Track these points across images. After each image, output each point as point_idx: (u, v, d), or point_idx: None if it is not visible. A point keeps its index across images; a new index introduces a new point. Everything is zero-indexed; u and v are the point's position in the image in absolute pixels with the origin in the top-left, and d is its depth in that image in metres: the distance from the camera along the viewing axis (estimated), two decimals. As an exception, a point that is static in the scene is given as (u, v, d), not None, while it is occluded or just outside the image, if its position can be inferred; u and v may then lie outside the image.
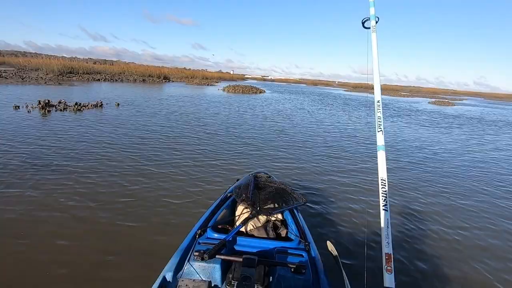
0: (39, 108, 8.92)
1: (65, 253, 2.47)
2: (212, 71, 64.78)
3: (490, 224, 3.74)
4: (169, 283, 1.49)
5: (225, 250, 1.60)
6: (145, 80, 28.97)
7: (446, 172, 5.79)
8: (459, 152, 7.84)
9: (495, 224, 3.76)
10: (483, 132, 12.06)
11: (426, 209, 4.00)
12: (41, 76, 20.87)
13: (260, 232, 1.89)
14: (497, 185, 5.28)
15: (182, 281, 1.35)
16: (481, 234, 3.46)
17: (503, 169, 6.45)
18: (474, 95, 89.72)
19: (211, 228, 1.79)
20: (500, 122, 17.08)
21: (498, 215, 4.01)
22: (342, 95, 34.40)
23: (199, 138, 6.97)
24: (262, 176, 2.46)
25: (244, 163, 5.36)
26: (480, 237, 3.39)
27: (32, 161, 4.49)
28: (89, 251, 2.51)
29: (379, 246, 2.87)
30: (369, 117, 14.13)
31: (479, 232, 3.52)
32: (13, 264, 2.31)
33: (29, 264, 2.31)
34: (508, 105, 43.45)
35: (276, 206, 1.98)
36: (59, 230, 2.81)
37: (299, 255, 1.65)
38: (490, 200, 4.54)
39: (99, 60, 50.53)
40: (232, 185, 2.53)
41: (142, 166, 4.71)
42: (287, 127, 9.44)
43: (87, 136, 6.24)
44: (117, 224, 2.98)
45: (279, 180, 2.47)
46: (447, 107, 27.62)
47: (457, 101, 41.61)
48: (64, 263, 2.33)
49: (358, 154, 6.64)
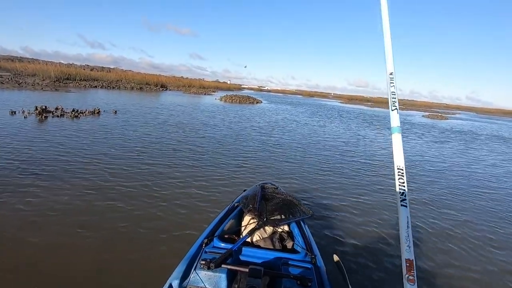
0: (35, 114, 8.83)
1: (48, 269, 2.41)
2: (209, 81, 65.19)
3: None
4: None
5: (231, 260, 1.59)
6: (142, 88, 28.97)
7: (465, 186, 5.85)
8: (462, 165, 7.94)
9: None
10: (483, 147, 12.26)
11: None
12: (37, 81, 20.74)
13: (266, 243, 1.88)
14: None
15: (193, 283, 1.40)
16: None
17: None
18: (467, 109, 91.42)
19: (217, 238, 1.79)
20: (495, 137, 17.43)
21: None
22: (336, 107, 34.76)
23: (202, 148, 6.95)
24: (269, 187, 2.45)
25: (246, 174, 5.35)
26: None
27: (27, 167, 4.43)
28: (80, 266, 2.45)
29: (386, 259, 2.90)
30: (367, 129, 14.27)
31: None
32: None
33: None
34: (500, 120, 44.31)
35: (283, 218, 1.97)
36: (55, 239, 2.75)
37: (305, 267, 1.64)
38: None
39: (96, 67, 50.40)
40: (239, 195, 2.52)
41: (143, 179, 4.67)
42: (284, 139, 9.48)
43: (83, 144, 6.18)
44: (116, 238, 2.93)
45: (286, 192, 2.47)
46: (441, 120, 28.09)
47: (450, 115, 42.34)
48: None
49: (366, 165, 6.69)
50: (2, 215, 3.06)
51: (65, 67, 30.18)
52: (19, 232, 2.79)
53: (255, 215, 1.95)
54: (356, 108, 37.23)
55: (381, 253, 3.08)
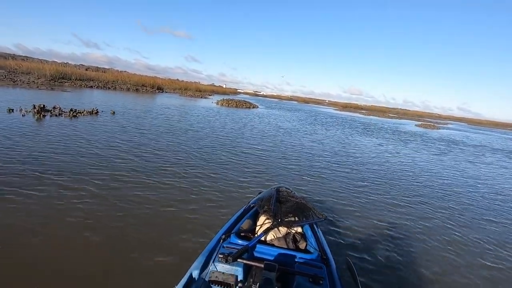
0: (33, 112, 8.75)
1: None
2: (205, 84, 65.25)
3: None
4: (194, 280, 1.58)
5: (247, 256, 1.69)
6: (139, 89, 28.86)
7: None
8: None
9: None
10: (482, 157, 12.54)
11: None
12: (32, 80, 20.52)
13: (280, 242, 1.94)
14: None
15: (213, 273, 1.55)
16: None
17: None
18: (458, 120, 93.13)
19: (234, 234, 1.89)
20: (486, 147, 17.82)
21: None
22: (333, 114, 35.10)
23: (203, 153, 6.98)
24: (283, 190, 2.54)
25: (253, 181, 5.40)
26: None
27: (30, 167, 4.41)
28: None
29: (399, 266, 2.97)
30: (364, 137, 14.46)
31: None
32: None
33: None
34: (490, 131, 45.28)
35: (297, 220, 2.04)
36: (51, 241, 2.75)
37: (318, 267, 1.71)
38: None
39: (91, 67, 50.02)
40: (255, 196, 2.60)
41: (145, 179, 4.68)
42: (285, 145, 9.56)
43: (84, 144, 6.17)
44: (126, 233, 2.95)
45: (300, 196, 2.55)
46: (433, 130, 28.58)
47: (442, 125, 43.10)
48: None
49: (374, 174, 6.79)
50: (3, 216, 3.06)
51: (61, 66, 29.92)
52: (18, 233, 2.79)
53: (270, 215, 2.03)
54: (360, 117, 37.62)
55: (393, 260, 3.16)
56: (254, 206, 2.32)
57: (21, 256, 2.42)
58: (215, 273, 1.56)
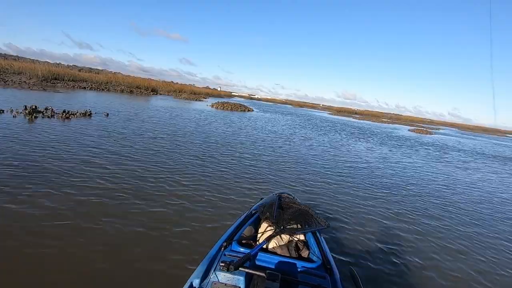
0: (24, 113, 8.55)
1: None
2: (200, 87, 65.10)
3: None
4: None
5: (249, 264, 1.64)
6: (133, 91, 28.60)
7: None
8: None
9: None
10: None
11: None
12: (24, 80, 20.16)
13: (283, 250, 1.90)
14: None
15: (215, 284, 1.50)
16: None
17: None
18: (449, 125, 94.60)
19: (236, 242, 1.85)
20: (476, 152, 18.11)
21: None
22: (328, 118, 35.31)
23: (203, 155, 6.91)
24: (286, 196, 2.49)
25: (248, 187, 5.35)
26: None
27: (17, 169, 4.29)
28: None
29: (405, 276, 2.92)
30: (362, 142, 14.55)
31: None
32: None
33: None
34: (480, 136, 46.05)
35: (299, 227, 2.00)
36: (45, 241, 2.66)
37: (321, 276, 1.67)
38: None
39: (84, 68, 49.48)
40: (256, 202, 2.55)
41: (142, 183, 4.59)
42: (285, 150, 9.54)
43: (75, 146, 6.04)
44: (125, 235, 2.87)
45: (302, 203, 2.50)
46: (427, 135, 28.93)
47: (434, 130, 43.69)
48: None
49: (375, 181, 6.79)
50: (2, 215, 2.95)
51: (53, 66, 29.48)
52: (16, 235, 2.69)
53: (272, 222, 1.98)
54: (354, 121, 37.89)
55: (399, 269, 3.11)
56: (256, 212, 2.27)
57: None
58: (216, 284, 1.51)
